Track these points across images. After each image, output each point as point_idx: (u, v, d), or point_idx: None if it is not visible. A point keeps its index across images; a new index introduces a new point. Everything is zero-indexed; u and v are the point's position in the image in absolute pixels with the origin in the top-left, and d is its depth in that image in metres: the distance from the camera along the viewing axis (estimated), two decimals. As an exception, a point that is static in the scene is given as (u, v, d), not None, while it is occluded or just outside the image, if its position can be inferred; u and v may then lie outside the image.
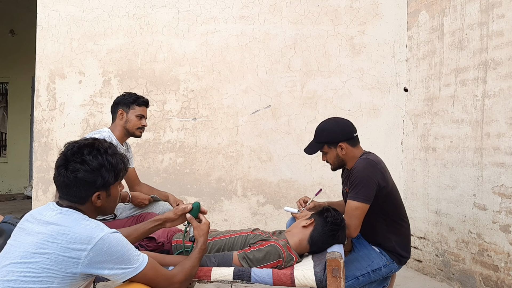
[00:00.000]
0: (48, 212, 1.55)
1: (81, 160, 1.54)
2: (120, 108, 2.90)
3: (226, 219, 4.08)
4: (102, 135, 2.77)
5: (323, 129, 2.55)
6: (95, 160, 1.56)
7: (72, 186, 1.55)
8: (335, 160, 2.53)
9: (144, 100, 2.95)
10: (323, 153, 2.55)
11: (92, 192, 1.57)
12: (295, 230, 2.30)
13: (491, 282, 2.95)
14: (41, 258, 1.44)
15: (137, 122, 2.90)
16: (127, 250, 1.56)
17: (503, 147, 2.90)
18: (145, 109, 2.95)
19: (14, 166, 8.50)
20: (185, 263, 1.83)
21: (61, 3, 4.05)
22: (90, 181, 1.55)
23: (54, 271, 1.44)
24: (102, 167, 1.56)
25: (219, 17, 4.10)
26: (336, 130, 2.51)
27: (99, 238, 1.48)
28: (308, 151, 2.57)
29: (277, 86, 4.10)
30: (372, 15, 4.11)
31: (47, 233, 1.48)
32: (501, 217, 2.88)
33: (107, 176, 1.58)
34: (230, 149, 4.09)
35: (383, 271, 2.45)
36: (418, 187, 3.82)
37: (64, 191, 1.58)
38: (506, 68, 2.89)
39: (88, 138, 1.66)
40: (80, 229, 1.49)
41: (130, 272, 1.56)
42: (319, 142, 2.52)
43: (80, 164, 1.54)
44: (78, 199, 1.57)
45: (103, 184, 1.57)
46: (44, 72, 4.04)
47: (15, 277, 1.43)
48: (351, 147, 2.49)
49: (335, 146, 2.48)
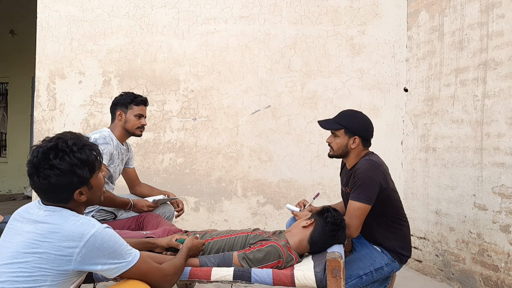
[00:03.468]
0: (36, 210, 1.54)
1: (49, 166, 1.48)
2: (118, 108, 2.88)
3: (226, 219, 4.08)
4: (103, 134, 2.76)
5: (349, 115, 2.54)
6: (63, 162, 1.49)
7: (49, 191, 1.52)
8: (340, 147, 2.49)
9: (142, 99, 2.91)
10: (334, 135, 2.51)
11: (72, 192, 1.53)
12: (295, 230, 2.31)
13: (491, 282, 2.95)
14: (33, 257, 1.44)
15: (136, 122, 2.88)
16: (119, 245, 1.55)
17: (503, 147, 2.90)
18: (144, 108, 2.92)
19: (14, 166, 8.49)
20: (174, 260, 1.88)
21: (61, 3, 4.05)
22: (65, 183, 1.51)
23: (47, 270, 1.44)
24: (74, 166, 1.51)
25: (219, 17, 4.10)
26: (361, 124, 2.51)
27: (91, 235, 1.47)
28: (324, 124, 2.53)
29: (277, 86, 4.10)
30: (372, 15, 4.11)
31: (37, 232, 1.47)
32: (501, 217, 2.88)
33: (82, 173, 1.53)
34: (230, 149, 4.09)
35: (385, 270, 2.46)
36: (418, 187, 3.82)
37: (44, 196, 1.55)
38: (506, 68, 2.89)
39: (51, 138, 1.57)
40: (71, 226, 1.48)
41: (123, 266, 1.56)
42: (339, 123, 2.48)
43: (49, 169, 1.48)
44: (61, 200, 1.54)
45: (80, 181, 1.53)
46: (44, 72, 4.04)
47: (7, 278, 1.43)
48: (362, 146, 2.50)
49: (350, 136, 2.46)
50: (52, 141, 1.54)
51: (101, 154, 1.64)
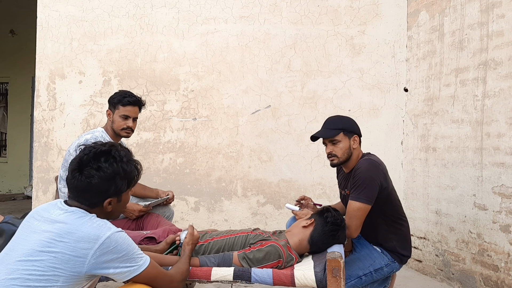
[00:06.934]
0: (56, 210, 1.55)
1: (97, 167, 1.55)
2: (109, 107, 2.83)
3: (226, 219, 4.08)
4: (95, 135, 2.73)
5: (340, 118, 2.53)
6: (111, 168, 1.57)
7: (85, 191, 1.56)
8: (345, 152, 2.44)
9: (130, 100, 2.75)
10: (334, 142, 2.44)
11: (104, 198, 1.58)
12: (295, 230, 2.30)
13: (491, 282, 2.95)
14: (48, 256, 1.44)
15: (121, 123, 2.75)
16: (132, 249, 1.57)
17: (503, 147, 2.90)
18: (131, 109, 2.76)
19: (14, 166, 8.50)
20: (179, 265, 1.88)
21: (61, 3, 4.05)
22: (103, 188, 1.56)
23: (60, 270, 1.44)
24: (117, 175, 1.58)
25: (219, 17, 4.10)
26: (352, 122, 2.52)
27: (106, 237, 1.49)
28: (323, 134, 2.46)
29: (277, 86, 4.10)
30: (372, 15, 4.11)
31: (54, 231, 1.48)
32: (501, 217, 2.88)
33: (121, 184, 1.59)
34: (230, 149, 4.09)
35: (385, 271, 2.46)
36: (418, 187, 3.82)
37: (76, 194, 1.58)
38: (506, 68, 2.89)
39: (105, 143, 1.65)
40: (87, 227, 1.49)
41: (135, 269, 1.57)
42: (336, 128, 2.43)
43: (95, 170, 1.55)
44: (90, 203, 1.58)
45: (115, 191, 1.59)
46: (44, 72, 4.04)
47: (20, 275, 1.42)
48: (359, 145, 2.50)
49: (350, 136, 2.45)
50: (106, 146, 1.63)
51: (140, 174, 1.71)
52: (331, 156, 2.48)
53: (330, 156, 2.48)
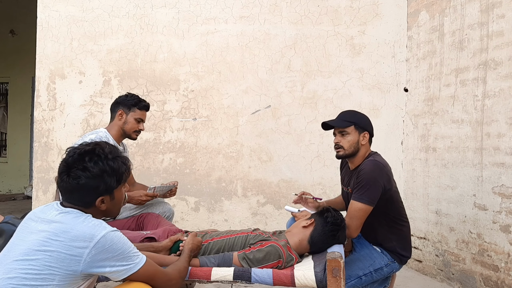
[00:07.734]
0: (52, 211, 1.57)
1: (82, 167, 1.56)
2: (120, 108, 2.88)
3: (226, 219, 4.08)
4: (99, 135, 2.75)
5: (355, 113, 2.54)
6: (96, 167, 1.57)
7: (75, 192, 1.58)
8: (352, 145, 2.44)
9: (146, 105, 2.92)
10: (343, 134, 2.45)
11: (96, 197, 1.59)
12: (295, 230, 2.31)
13: (491, 282, 2.95)
14: (43, 255, 1.46)
15: (135, 125, 2.87)
16: (127, 247, 1.58)
17: (503, 147, 2.90)
18: (145, 113, 2.93)
19: (14, 166, 8.50)
20: (178, 264, 1.89)
21: (61, 3, 4.05)
22: (92, 187, 1.57)
23: (55, 269, 1.46)
24: (104, 173, 1.58)
25: (219, 17, 4.10)
26: (367, 119, 2.53)
27: (102, 236, 1.50)
28: (336, 123, 2.47)
29: (277, 86, 4.10)
30: (372, 15, 4.11)
31: (50, 231, 1.50)
32: (501, 217, 2.88)
33: (109, 181, 1.60)
34: (230, 149, 4.09)
35: (385, 271, 2.46)
36: (418, 187, 3.82)
37: (68, 196, 1.60)
38: (506, 68, 2.89)
39: (89, 143, 1.67)
40: (83, 227, 1.51)
41: (131, 268, 1.58)
42: (349, 121, 2.45)
43: (81, 171, 1.56)
44: (83, 203, 1.59)
45: (106, 189, 1.60)
46: (44, 72, 4.04)
47: (17, 274, 1.44)
48: (368, 142, 2.50)
49: (360, 132, 2.45)
50: (90, 145, 1.64)
51: (130, 169, 1.71)
52: (337, 147, 2.49)
53: (337, 147, 2.50)
